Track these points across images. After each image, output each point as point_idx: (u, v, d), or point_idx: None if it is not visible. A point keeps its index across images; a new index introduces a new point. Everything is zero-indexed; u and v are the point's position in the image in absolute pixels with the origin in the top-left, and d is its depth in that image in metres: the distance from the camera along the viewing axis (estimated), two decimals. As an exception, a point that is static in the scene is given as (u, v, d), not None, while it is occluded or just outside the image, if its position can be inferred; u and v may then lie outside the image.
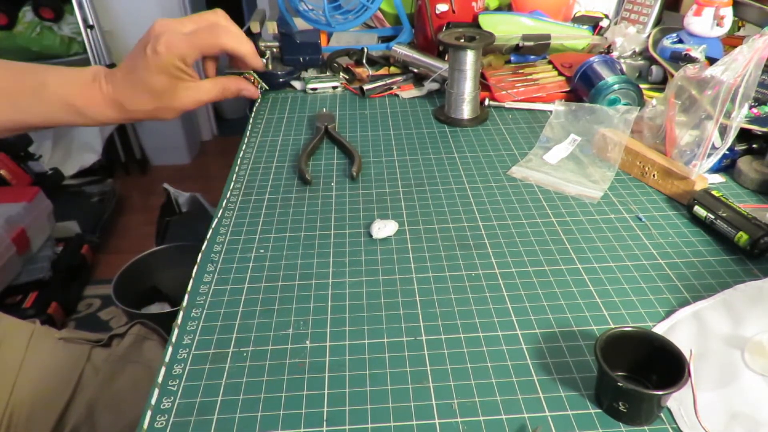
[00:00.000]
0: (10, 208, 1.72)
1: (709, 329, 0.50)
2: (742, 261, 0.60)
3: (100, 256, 2.09)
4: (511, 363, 0.49)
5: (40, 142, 2.27)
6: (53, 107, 0.56)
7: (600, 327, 0.52)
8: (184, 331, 0.54)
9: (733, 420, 0.43)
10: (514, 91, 0.94)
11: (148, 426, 0.45)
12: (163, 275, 1.64)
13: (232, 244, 0.65)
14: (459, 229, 0.66)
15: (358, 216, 0.69)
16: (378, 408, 0.46)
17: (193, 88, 0.58)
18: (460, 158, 0.81)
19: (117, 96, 0.56)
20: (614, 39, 1.00)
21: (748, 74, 0.64)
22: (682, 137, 0.69)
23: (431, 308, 0.55)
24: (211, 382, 0.48)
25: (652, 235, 0.64)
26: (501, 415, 0.45)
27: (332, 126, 0.87)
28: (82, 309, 1.85)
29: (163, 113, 0.59)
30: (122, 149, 2.58)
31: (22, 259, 1.73)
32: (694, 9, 0.89)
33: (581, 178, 0.74)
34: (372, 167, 0.79)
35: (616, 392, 0.43)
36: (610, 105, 0.84)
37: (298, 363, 0.50)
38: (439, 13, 1.02)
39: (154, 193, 2.35)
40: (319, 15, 1.06)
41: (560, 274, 0.59)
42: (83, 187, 2.32)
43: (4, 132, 0.57)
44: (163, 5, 2.41)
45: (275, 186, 0.76)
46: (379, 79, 1.01)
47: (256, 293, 0.58)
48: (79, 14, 2.17)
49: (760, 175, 0.70)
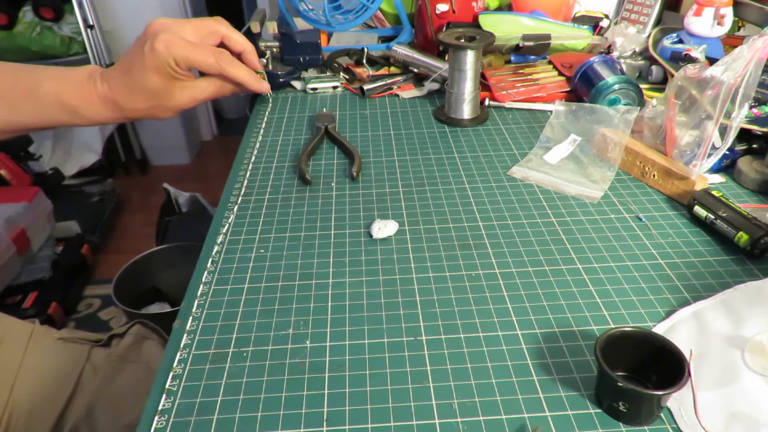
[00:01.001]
0: (10, 208, 1.72)
1: (709, 329, 0.50)
2: (742, 261, 0.60)
3: (100, 256, 2.09)
4: (511, 363, 0.49)
5: (40, 142, 2.27)
6: (47, 107, 0.55)
7: (600, 327, 0.52)
8: (184, 331, 0.54)
9: (733, 420, 0.43)
10: (514, 91, 0.93)
11: (148, 426, 0.45)
12: (163, 275, 1.64)
13: (232, 244, 0.65)
14: (459, 229, 0.66)
15: (358, 216, 0.69)
16: (378, 408, 0.46)
17: (189, 86, 0.58)
18: (460, 158, 0.81)
19: (113, 95, 0.56)
20: (614, 39, 1.00)
21: (748, 74, 0.63)
22: (682, 137, 0.69)
23: (431, 308, 0.55)
24: (211, 382, 0.48)
25: (652, 235, 0.64)
26: (501, 415, 0.45)
27: (332, 126, 0.87)
28: (82, 309, 1.85)
29: (159, 112, 0.58)
30: (122, 149, 2.58)
31: (22, 259, 1.73)
32: (694, 9, 0.89)
33: (581, 178, 0.74)
34: (372, 167, 0.79)
35: (616, 392, 0.43)
36: (610, 105, 0.84)
37: (298, 363, 0.50)
38: (439, 13, 1.02)
39: (154, 193, 2.34)
40: (319, 15, 1.06)
41: (560, 274, 0.59)
42: (83, 187, 2.32)
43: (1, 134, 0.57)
44: (164, 5, 2.41)
45: (275, 186, 0.76)
46: (379, 79, 1.01)
47: (256, 293, 0.58)
48: (79, 14, 2.16)
49: (760, 175, 0.70)
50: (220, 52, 0.57)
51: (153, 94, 0.56)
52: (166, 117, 0.59)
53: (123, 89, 0.56)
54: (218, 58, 0.57)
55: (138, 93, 0.56)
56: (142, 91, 0.56)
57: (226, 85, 0.61)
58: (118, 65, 0.57)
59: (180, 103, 0.58)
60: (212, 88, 0.60)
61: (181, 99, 0.58)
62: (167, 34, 0.54)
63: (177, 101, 0.58)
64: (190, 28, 0.57)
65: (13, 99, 0.55)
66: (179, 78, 0.56)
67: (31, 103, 0.55)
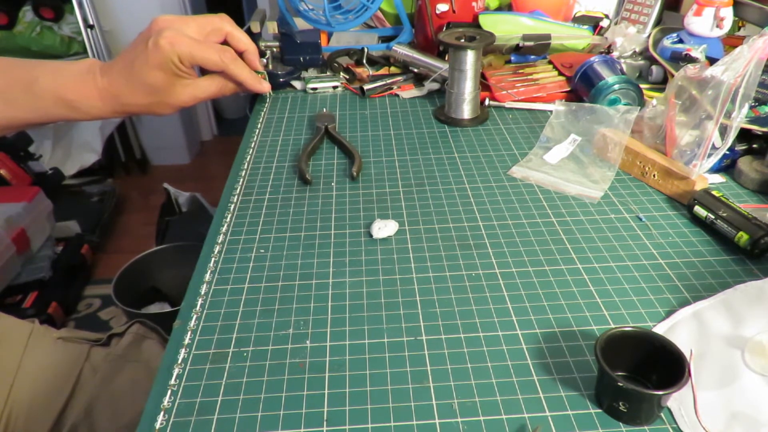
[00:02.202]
0: (10, 208, 1.72)
1: (710, 329, 0.50)
2: (742, 261, 0.60)
3: (100, 256, 2.09)
4: (511, 363, 0.49)
5: (40, 141, 2.27)
6: (46, 102, 0.55)
7: (600, 327, 0.52)
8: (184, 330, 0.54)
9: (733, 420, 0.43)
10: (514, 91, 0.93)
11: (148, 426, 0.45)
12: (163, 275, 1.63)
13: (232, 244, 0.65)
14: (459, 229, 0.66)
15: (358, 216, 0.69)
16: (378, 408, 0.46)
17: (190, 84, 0.58)
18: (460, 158, 0.81)
19: (112, 89, 0.56)
20: (614, 39, 1.00)
21: (748, 74, 0.63)
22: (682, 137, 0.69)
23: (431, 308, 0.55)
24: (212, 382, 0.48)
25: (652, 235, 0.64)
26: (501, 415, 0.45)
27: (332, 126, 0.87)
28: (82, 309, 1.85)
29: (158, 108, 0.58)
30: (122, 149, 2.58)
31: (22, 259, 1.73)
32: (695, 9, 0.89)
33: (581, 178, 0.74)
34: (372, 167, 0.79)
35: (616, 392, 0.43)
36: (610, 105, 0.84)
37: (298, 363, 0.50)
38: (439, 13, 1.02)
39: (154, 193, 2.35)
40: (320, 15, 1.06)
41: (560, 274, 0.59)
42: (83, 187, 2.33)
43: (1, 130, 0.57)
44: (164, 5, 2.41)
45: (275, 186, 0.75)
46: (380, 79, 1.01)
47: (256, 293, 0.58)
48: (79, 14, 2.17)
49: (760, 175, 0.70)
50: (224, 49, 0.57)
51: (154, 90, 0.56)
52: (166, 113, 0.60)
53: (123, 84, 0.56)
54: (222, 56, 0.57)
55: (139, 88, 0.56)
56: (143, 86, 0.56)
57: (228, 84, 0.61)
58: (120, 60, 0.56)
59: (180, 101, 0.58)
60: (213, 87, 0.60)
61: (182, 96, 0.58)
62: (172, 32, 0.54)
63: (177, 98, 0.58)
64: (194, 25, 0.57)
65: (11, 94, 0.55)
66: (181, 75, 0.56)
67: (30, 97, 0.55)
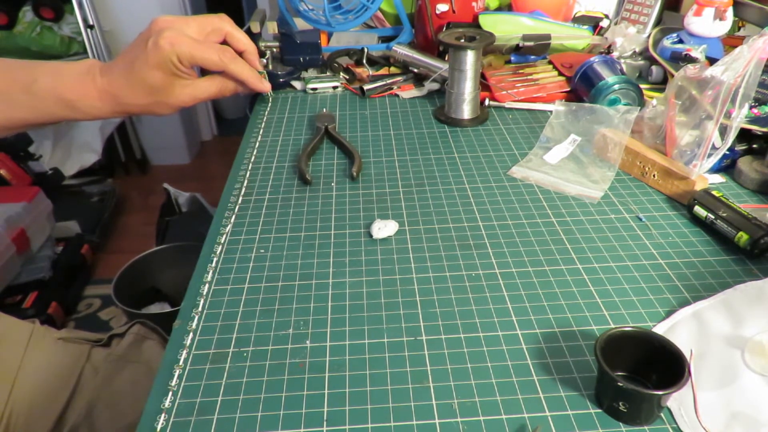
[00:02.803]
0: (10, 208, 1.72)
1: (709, 329, 0.50)
2: (742, 261, 0.60)
3: (100, 256, 2.09)
4: (511, 363, 0.49)
5: (40, 141, 2.27)
6: (45, 102, 0.55)
7: (600, 327, 0.52)
8: (184, 331, 0.54)
9: (733, 420, 0.43)
10: (514, 91, 0.93)
11: (148, 426, 0.45)
12: (163, 275, 1.63)
13: (232, 244, 0.65)
14: (459, 229, 0.66)
15: (358, 216, 0.69)
16: (378, 408, 0.46)
17: (190, 85, 0.58)
18: (460, 158, 0.81)
19: (112, 89, 0.56)
20: (614, 39, 1.00)
21: (748, 74, 0.63)
22: (682, 137, 0.69)
23: (431, 308, 0.55)
24: (212, 382, 0.48)
25: (652, 235, 0.64)
26: (501, 415, 0.45)
27: (332, 126, 0.87)
28: (82, 309, 1.85)
29: (158, 108, 0.58)
30: (122, 149, 2.58)
31: (22, 259, 1.73)
32: (695, 9, 0.89)
33: (581, 178, 0.74)
34: (372, 167, 0.79)
35: (616, 392, 0.43)
36: (610, 105, 0.84)
37: (298, 363, 0.50)
38: (439, 13, 1.02)
39: (154, 193, 2.35)
40: (319, 15, 1.06)
41: (560, 274, 0.59)
42: (83, 187, 2.32)
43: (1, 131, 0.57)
44: (164, 5, 2.41)
45: (275, 186, 0.75)
46: (379, 79, 1.01)
47: (256, 293, 0.58)
48: (79, 14, 2.17)
49: (760, 175, 0.70)
50: (224, 49, 0.58)
51: (154, 90, 0.56)
52: (165, 114, 0.60)
53: (123, 84, 0.56)
54: (222, 56, 0.57)
55: (138, 88, 0.56)
56: (142, 86, 0.56)
57: (228, 85, 0.61)
58: (119, 60, 0.56)
59: (180, 101, 0.58)
60: (213, 87, 0.60)
61: (182, 96, 0.58)
62: (172, 32, 0.54)
63: (177, 99, 0.58)
64: (194, 25, 0.57)
65: (10, 94, 0.55)
66: (181, 76, 0.57)
67: (29, 98, 0.55)
